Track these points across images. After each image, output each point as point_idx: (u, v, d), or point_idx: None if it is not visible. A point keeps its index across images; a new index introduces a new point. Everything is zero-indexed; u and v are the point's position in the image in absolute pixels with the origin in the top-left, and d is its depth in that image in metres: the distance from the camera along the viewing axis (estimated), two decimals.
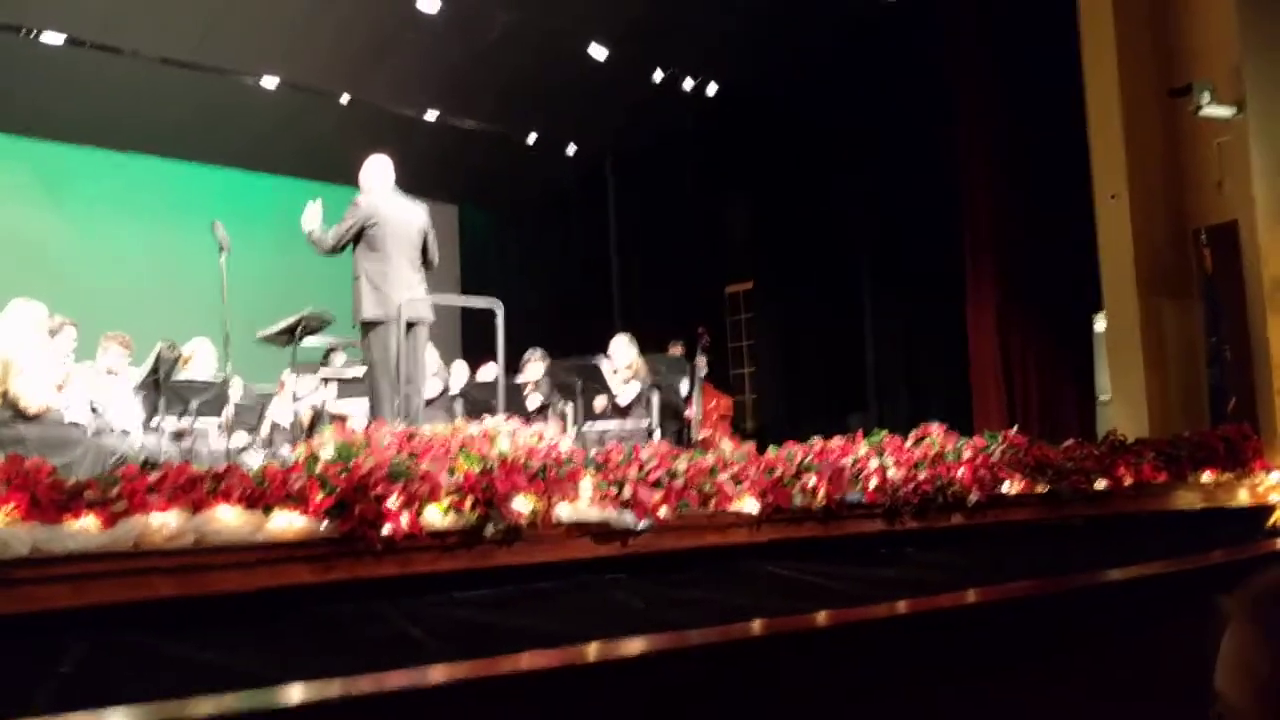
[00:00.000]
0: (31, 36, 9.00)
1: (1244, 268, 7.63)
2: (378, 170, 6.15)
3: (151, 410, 6.51)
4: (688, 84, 11.25)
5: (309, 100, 10.68)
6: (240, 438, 7.41)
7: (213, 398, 6.51)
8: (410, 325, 5.90)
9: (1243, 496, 7.08)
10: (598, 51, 10.26)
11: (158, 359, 6.26)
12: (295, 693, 2.58)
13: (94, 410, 6.29)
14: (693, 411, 8.41)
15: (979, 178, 9.86)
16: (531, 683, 2.68)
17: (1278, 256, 7.53)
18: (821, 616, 3.43)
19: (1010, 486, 5.87)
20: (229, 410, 6.23)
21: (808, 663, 2.87)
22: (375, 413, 5.74)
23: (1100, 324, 8.85)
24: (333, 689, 2.52)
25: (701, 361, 8.39)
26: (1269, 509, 6.95)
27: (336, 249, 5.90)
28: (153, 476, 3.72)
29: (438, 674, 2.79)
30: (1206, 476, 6.96)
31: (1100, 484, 6.32)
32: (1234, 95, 7.59)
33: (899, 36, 10.22)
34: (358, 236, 5.89)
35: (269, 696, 2.58)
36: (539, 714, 2.52)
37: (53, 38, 9.11)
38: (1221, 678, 0.89)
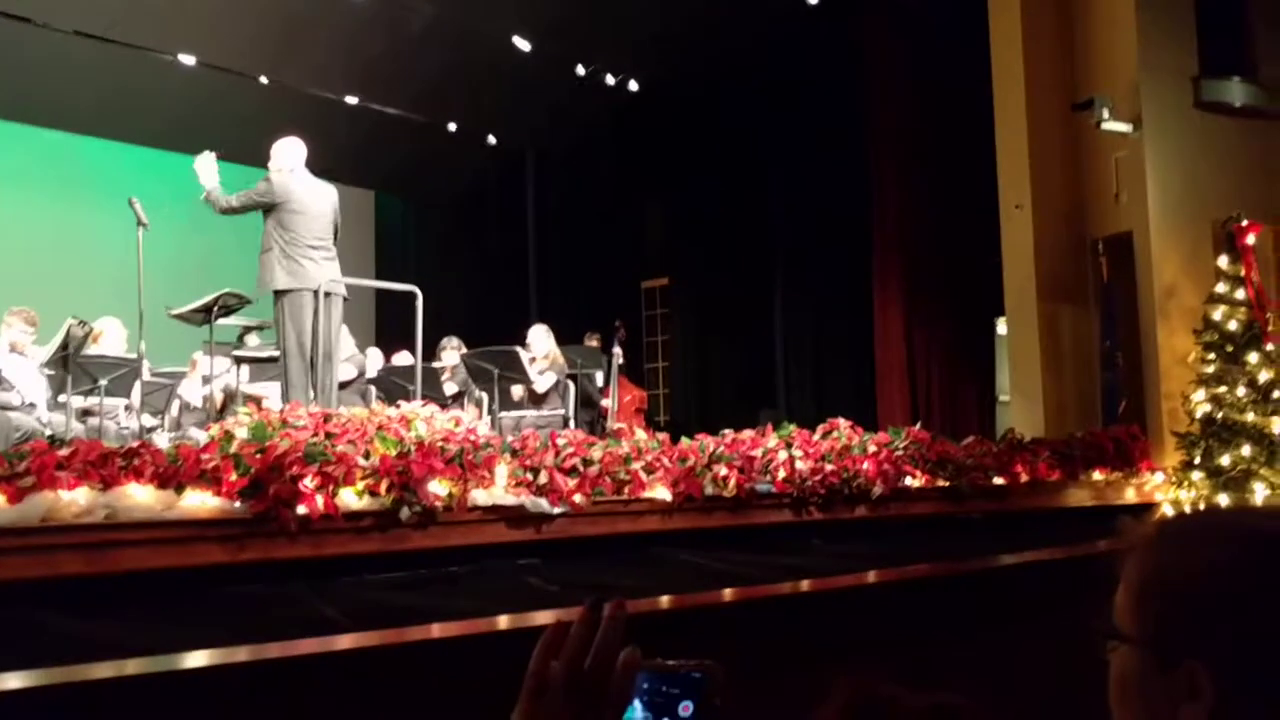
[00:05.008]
0: None
1: (1138, 277, 7.98)
2: (290, 150, 6.18)
3: (59, 387, 6.39)
4: (610, 80, 11.32)
5: (227, 81, 10.49)
6: (146, 418, 7.28)
7: (122, 376, 6.41)
8: (324, 298, 5.91)
9: (1130, 495, 7.42)
10: (521, 44, 10.28)
11: (67, 335, 6.15)
12: (192, 658, 2.60)
13: None
14: (608, 402, 8.49)
15: (889, 181, 10.13)
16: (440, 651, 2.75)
17: (1169, 266, 7.90)
18: (726, 593, 3.55)
19: (913, 480, 6.09)
20: (138, 389, 6.13)
21: (713, 635, 2.98)
22: (288, 387, 5.72)
23: (1002, 327, 9.16)
24: (237, 655, 2.54)
25: (618, 353, 8.47)
26: (1154, 507, 7.29)
27: (232, 210, 5.91)
28: (63, 452, 3.69)
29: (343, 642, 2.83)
30: (1097, 475, 7.28)
31: (998, 480, 6.58)
32: (1132, 112, 7.94)
33: (816, 41, 10.43)
34: (269, 211, 5.91)
35: (168, 662, 2.59)
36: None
37: None
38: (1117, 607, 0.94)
